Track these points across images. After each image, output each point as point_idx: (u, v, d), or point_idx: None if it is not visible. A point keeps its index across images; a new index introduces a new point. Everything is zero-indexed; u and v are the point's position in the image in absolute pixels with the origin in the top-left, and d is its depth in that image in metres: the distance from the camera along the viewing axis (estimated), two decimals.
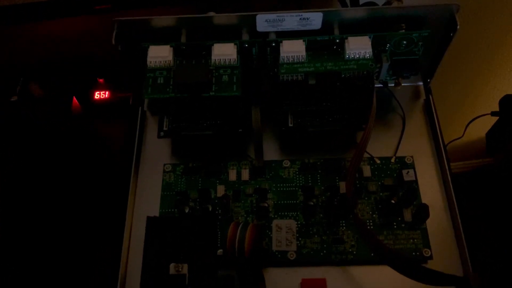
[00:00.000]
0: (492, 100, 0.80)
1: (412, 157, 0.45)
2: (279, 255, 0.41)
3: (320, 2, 0.66)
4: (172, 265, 0.34)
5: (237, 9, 0.59)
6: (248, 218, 0.43)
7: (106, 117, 0.67)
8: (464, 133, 0.64)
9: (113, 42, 0.41)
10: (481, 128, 0.67)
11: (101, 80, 0.69)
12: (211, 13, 0.45)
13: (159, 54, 0.41)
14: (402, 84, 0.47)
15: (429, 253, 0.41)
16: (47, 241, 0.48)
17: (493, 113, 0.60)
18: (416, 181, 0.44)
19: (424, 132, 0.48)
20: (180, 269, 0.34)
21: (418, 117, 0.49)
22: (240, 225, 0.37)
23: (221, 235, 0.42)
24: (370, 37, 0.41)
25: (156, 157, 0.47)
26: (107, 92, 0.68)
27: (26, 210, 0.53)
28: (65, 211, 0.52)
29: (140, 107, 0.49)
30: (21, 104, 0.64)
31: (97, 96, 0.68)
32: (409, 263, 0.37)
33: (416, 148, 0.46)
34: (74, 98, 0.67)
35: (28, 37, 0.69)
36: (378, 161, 0.45)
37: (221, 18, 0.41)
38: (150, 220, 0.39)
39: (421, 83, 0.50)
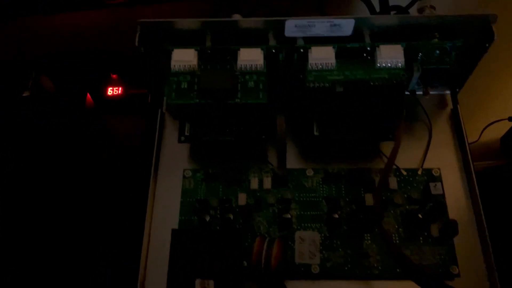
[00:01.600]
0: (509, 105, 0.78)
1: (439, 169, 0.44)
2: (302, 268, 0.40)
3: (342, 1, 0.65)
4: (198, 281, 0.33)
5: (253, 6, 0.58)
6: (270, 229, 0.42)
7: (119, 113, 0.66)
8: (479, 137, 0.63)
9: (136, 44, 0.40)
10: (495, 131, 0.66)
11: (114, 76, 0.68)
12: (237, 16, 0.43)
13: (184, 58, 0.40)
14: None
15: (457, 270, 0.39)
16: (61, 246, 0.47)
17: (510, 118, 0.59)
18: (443, 195, 0.43)
19: (450, 143, 0.46)
20: (206, 286, 0.33)
21: (444, 127, 0.47)
22: (267, 241, 0.36)
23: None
24: (402, 46, 0.40)
25: (174, 161, 0.46)
26: (120, 88, 0.67)
27: (37, 211, 0.52)
28: (80, 213, 0.51)
29: (159, 110, 0.48)
30: (33, 100, 0.62)
31: (110, 92, 0.67)
32: (434, 280, 0.36)
33: (443, 160, 0.45)
34: (88, 94, 0.66)
35: (40, 30, 0.68)
36: (405, 173, 0.44)
37: (248, 22, 0.40)
38: (175, 233, 0.37)
39: (448, 92, 0.49)
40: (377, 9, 0.55)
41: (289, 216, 0.41)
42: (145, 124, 0.55)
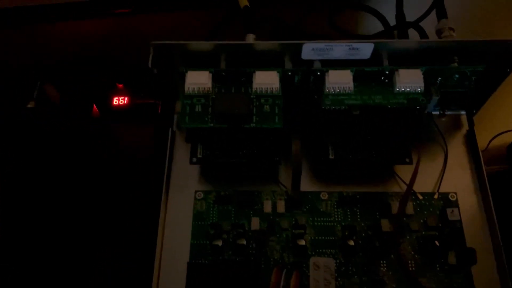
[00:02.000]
0: None
1: (455, 193, 0.43)
2: None
3: (352, 13, 0.64)
4: None
5: (260, 19, 0.57)
6: (284, 254, 0.41)
7: (125, 123, 0.65)
8: (487, 147, 0.62)
9: (150, 66, 0.39)
10: (502, 139, 0.65)
11: (120, 86, 0.67)
12: (251, 36, 0.42)
13: (198, 81, 0.39)
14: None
15: None
16: (66, 269, 0.46)
17: None
18: (460, 221, 0.42)
19: (466, 166, 0.45)
20: None
21: (459, 149, 0.46)
22: (284, 272, 0.35)
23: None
24: (422, 70, 0.39)
25: (185, 181, 0.45)
26: (126, 98, 0.66)
27: (41, 225, 0.51)
28: (87, 227, 0.50)
29: (170, 128, 0.47)
30: (39, 111, 0.61)
31: (115, 102, 0.66)
32: None
33: (459, 183, 0.44)
34: (94, 106, 0.65)
35: (45, 39, 0.67)
36: (421, 197, 0.43)
37: (263, 45, 0.39)
38: (191, 266, 0.37)
39: (463, 113, 0.48)
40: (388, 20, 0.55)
41: (304, 243, 0.40)
42: (154, 135, 0.54)
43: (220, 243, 0.41)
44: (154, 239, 0.42)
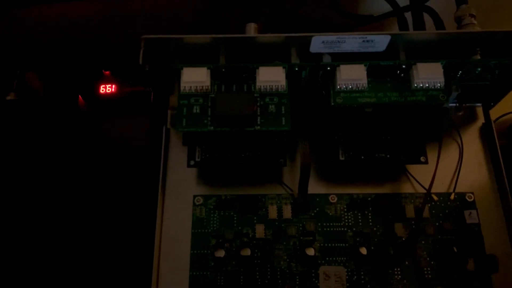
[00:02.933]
0: None
1: (472, 194, 0.41)
2: None
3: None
4: None
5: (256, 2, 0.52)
6: (291, 264, 0.38)
7: (113, 114, 0.61)
8: None
9: (140, 62, 0.35)
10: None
11: (107, 73, 0.62)
12: (252, 25, 0.38)
13: (195, 79, 0.35)
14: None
15: None
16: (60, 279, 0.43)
17: None
18: (479, 224, 0.39)
19: (482, 163, 0.42)
20: None
21: (475, 144, 0.43)
22: None
23: (260, 279, 0.37)
24: (442, 64, 0.35)
25: (183, 185, 0.42)
26: (114, 86, 0.61)
27: (28, 227, 0.48)
28: (78, 229, 0.47)
29: (164, 126, 0.43)
30: (20, 104, 0.57)
31: (102, 90, 0.61)
32: None
33: (475, 182, 0.41)
34: (80, 97, 0.61)
35: (24, 24, 0.62)
36: (436, 198, 0.40)
37: (268, 38, 0.35)
38: (193, 280, 0.34)
39: (479, 104, 0.45)
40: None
41: (313, 252, 0.38)
42: (149, 125, 0.51)
43: (222, 254, 0.38)
44: (151, 249, 0.39)
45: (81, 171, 0.52)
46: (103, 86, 0.61)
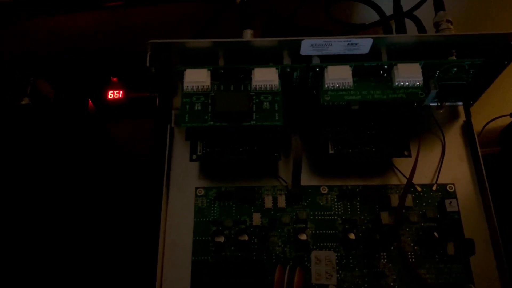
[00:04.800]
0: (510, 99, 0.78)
1: (453, 185, 0.44)
2: None
3: (348, 4, 0.63)
4: None
5: (254, 11, 0.56)
6: (285, 249, 0.41)
7: (121, 117, 0.64)
8: (481, 132, 0.63)
9: (147, 64, 0.39)
10: (495, 123, 0.66)
11: (114, 79, 0.66)
12: (248, 31, 0.42)
13: (197, 79, 0.39)
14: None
15: None
16: (64, 271, 0.46)
17: (511, 114, 0.59)
18: (458, 212, 0.42)
19: (463, 157, 0.46)
20: None
21: (456, 140, 0.47)
22: (288, 268, 0.35)
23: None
24: (420, 64, 0.39)
25: (186, 178, 0.45)
26: (121, 92, 0.65)
27: (37, 226, 0.51)
28: (84, 227, 0.50)
29: (168, 125, 0.47)
30: (33, 108, 0.60)
31: (110, 96, 0.65)
32: None
33: (456, 175, 0.45)
34: (89, 101, 0.64)
35: (36, 33, 0.66)
36: (419, 189, 0.44)
37: (262, 42, 0.39)
38: (196, 264, 0.37)
39: (460, 103, 0.48)
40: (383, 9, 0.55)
41: (305, 237, 0.41)
42: (153, 131, 0.54)
43: (222, 239, 0.41)
44: (157, 237, 0.42)
45: (88, 170, 0.56)
46: (111, 92, 0.65)
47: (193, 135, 0.41)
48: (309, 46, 0.38)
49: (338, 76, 0.39)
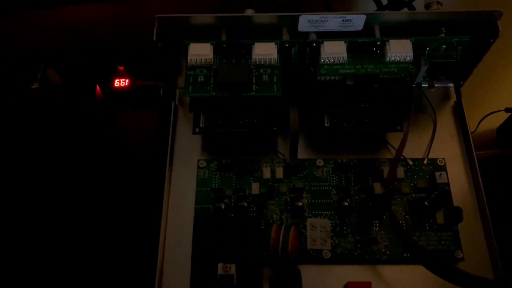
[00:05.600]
0: (505, 96, 0.80)
1: (444, 159, 0.46)
2: (314, 253, 0.42)
3: None
4: (220, 265, 0.35)
5: (261, 2, 0.59)
6: (282, 216, 0.44)
7: (126, 105, 0.66)
8: (476, 128, 0.65)
9: (154, 38, 0.41)
10: (491, 122, 0.68)
11: (121, 68, 0.68)
12: (249, 11, 0.45)
13: (200, 52, 0.41)
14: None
15: (461, 255, 0.42)
16: (78, 238, 0.48)
17: (507, 109, 0.60)
18: (448, 183, 0.44)
19: (454, 135, 0.48)
20: (228, 270, 0.34)
21: (448, 119, 0.49)
22: (283, 226, 0.37)
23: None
24: (411, 41, 0.41)
25: (189, 152, 0.47)
26: (127, 80, 0.68)
27: (43, 208, 0.53)
28: (89, 211, 0.52)
29: (172, 102, 0.49)
30: (42, 92, 0.63)
31: (117, 84, 0.67)
32: (443, 264, 0.38)
33: (447, 150, 0.47)
34: (97, 86, 0.67)
35: (48, 23, 0.69)
36: (411, 162, 0.46)
37: (262, 18, 0.41)
38: (198, 218, 0.39)
39: (451, 85, 0.50)
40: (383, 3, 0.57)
41: (301, 204, 0.43)
42: (157, 117, 0.56)
43: (222, 206, 0.43)
44: (159, 208, 0.44)
45: (95, 154, 0.58)
46: (118, 80, 0.67)
47: (196, 106, 0.43)
48: (306, 22, 0.41)
49: (334, 51, 0.41)
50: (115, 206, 0.50)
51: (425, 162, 0.46)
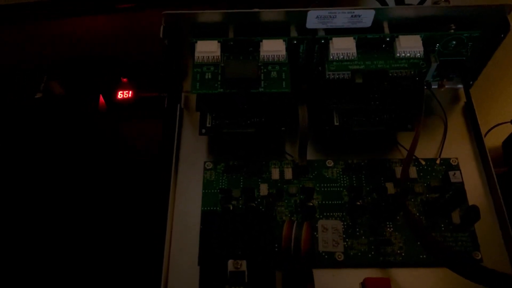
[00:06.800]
0: (510, 108, 0.80)
1: (457, 158, 0.45)
2: (326, 256, 0.40)
3: None
4: (230, 262, 0.33)
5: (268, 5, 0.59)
6: (292, 218, 0.42)
7: (130, 116, 0.66)
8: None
9: (161, 35, 0.41)
10: (497, 136, 0.66)
11: (124, 80, 0.68)
12: (256, 9, 0.44)
13: (207, 49, 0.41)
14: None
15: (479, 256, 0.40)
16: (85, 242, 0.47)
17: None
18: (462, 183, 0.43)
19: (465, 135, 0.47)
20: (239, 266, 0.33)
21: (458, 120, 0.48)
22: (295, 223, 0.36)
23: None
24: (421, 36, 0.41)
25: (194, 154, 0.46)
26: (130, 92, 0.67)
27: (47, 215, 0.52)
28: (99, 213, 0.51)
29: (178, 105, 0.49)
30: (45, 102, 0.63)
31: (120, 96, 0.67)
32: (470, 263, 0.35)
33: (459, 150, 0.46)
34: (101, 97, 0.66)
35: (49, 35, 0.69)
36: (423, 162, 0.45)
37: (269, 14, 0.41)
38: (205, 214, 0.38)
39: (460, 86, 0.50)
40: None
41: (312, 204, 0.41)
42: (161, 125, 0.55)
43: (230, 207, 0.42)
44: (165, 210, 0.42)
45: (98, 160, 0.57)
46: (121, 92, 0.67)
47: (203, 105, 0.43)
48: (314, 18, 0.40)
49: (343, 47, 0.40)
50: (121, 210, 0.49)
51: (437, 162, 0.45)
